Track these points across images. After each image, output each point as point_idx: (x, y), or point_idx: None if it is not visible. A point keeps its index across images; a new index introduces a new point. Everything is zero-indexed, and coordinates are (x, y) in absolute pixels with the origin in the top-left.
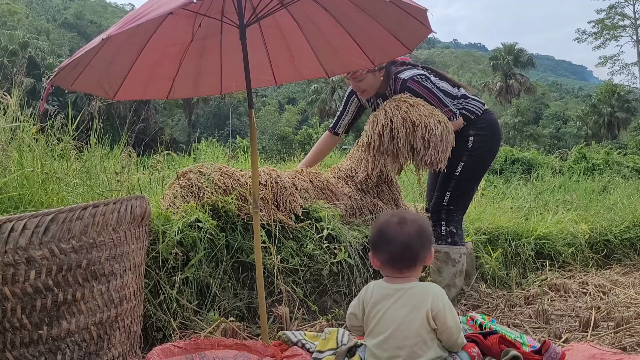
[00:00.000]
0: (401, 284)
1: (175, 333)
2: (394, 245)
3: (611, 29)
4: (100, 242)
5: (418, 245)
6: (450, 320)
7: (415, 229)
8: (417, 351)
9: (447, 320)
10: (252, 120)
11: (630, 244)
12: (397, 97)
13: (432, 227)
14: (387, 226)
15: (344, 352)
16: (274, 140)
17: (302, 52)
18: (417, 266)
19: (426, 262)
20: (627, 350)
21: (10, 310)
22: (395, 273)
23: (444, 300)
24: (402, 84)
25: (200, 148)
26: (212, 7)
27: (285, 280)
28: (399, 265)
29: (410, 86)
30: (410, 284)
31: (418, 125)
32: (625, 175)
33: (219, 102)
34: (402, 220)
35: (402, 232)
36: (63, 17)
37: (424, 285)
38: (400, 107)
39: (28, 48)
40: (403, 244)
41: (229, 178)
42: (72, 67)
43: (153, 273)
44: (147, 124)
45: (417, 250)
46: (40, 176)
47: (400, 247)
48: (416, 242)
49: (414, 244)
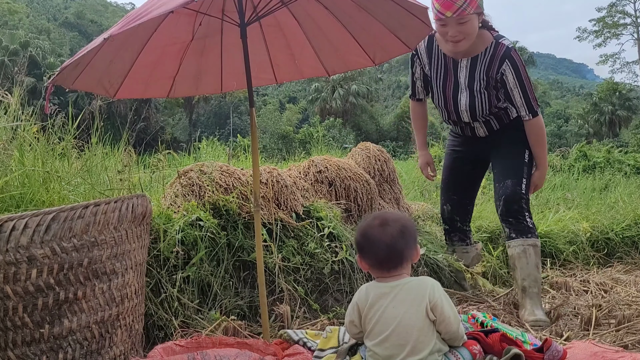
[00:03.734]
0: (396, 281)
1: (177, 332)
2: (379, 248)
3: (612, 27)
4: (101, 241)
5: (402, 245)
6: (448, 310)
7: (397, 230)
8: (418, 346)
9: (445, 310)
10: (253, 119)
11: (632, 242)
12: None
13: (516, 220)
14: (370, 229)
15: (346, 351)
16: (275, 139)
17: (303, 50)
18: (404, 264)
19: (413, 259)
20: (629, 348)
21: (12, 309)
22: (384, 274)
23: (440, 291)
24: (505, 52)
25: (201, 147)
26: (213, 5)
27: (287, 278)
28: (387, 267)
29: (514, 58)
30: (405, 279)
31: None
32: (626, 174)
33: (219, 101)
34: (384, 222)
35: (385, 234)
36: (64, 17)
37: (420, 279)
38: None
39: (29, 47)
40: (387, 245)
41: (230, 177)
42: (73, 67)
43: (154, 272)
44: (148, 123)
45: (402, 250)
46: (42, 175)
47: (384, 249)
48: (400, 242)
49: (398, 244)
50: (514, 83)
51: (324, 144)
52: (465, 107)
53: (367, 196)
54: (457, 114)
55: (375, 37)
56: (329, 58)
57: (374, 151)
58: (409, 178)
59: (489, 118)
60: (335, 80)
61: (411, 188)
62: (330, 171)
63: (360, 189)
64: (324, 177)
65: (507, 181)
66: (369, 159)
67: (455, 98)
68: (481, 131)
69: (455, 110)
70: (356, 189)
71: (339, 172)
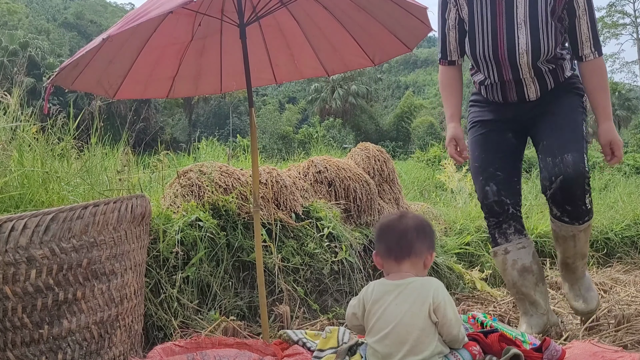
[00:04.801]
0: (402, 280)
1: (176, 332)
2: (391, 234)
3: (611, 27)
4: (100, 241)
5: (415, 237)
6: (451, 313)
7: (414, 223)
8: (419, 345)
9: (448, 313)
10: (252, 119)
11: (631, 242)
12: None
13: (574, 206)
14: (388, 219)
15: (345, 351)
16: (275, 139)
17: (302, 50)
18: (412, 259)
19: (425, 261)
20: (628, 348)
21: (11, 309)
22: (393, 266)
23: (444, 293)
24: None
25: (200, 147)
26: (212, 6)
27: (286, 279)
28: (395, 254)
29: None
30: (411, 279)
31: None
32: (625, 173)
33: (219, 102)
34: (404, 215)
35: (400, 223)
36: (63, 17)
37: (425, 279)
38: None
39: (28, 48)
40: (400, 232)
41: (230, 177)
42: (72, 67)
43: (154, 272)
44: (147, 124)
45: (413, 241)
46: (41, 175)
47: (396, 236)
48: (412, 232)
49: (409, 233)
50: (584, 9)
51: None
52: (526, 47)
53: (367, 196)
54: (511, 61)
55: (374, 37)
56: (329, 58)
57: (373, 151)
58: (409, 178)
59: (547, 70)
60: (334, 81)
61: (411, 188)
62: (329, 171)
63: (359, 189)
64: (323, 178)
65: (566, 156)
66: (369, 159)
67: (510, 39)
68: (532, 90)
69: (510, 57)
70: (356, 189)
71: (338, 172)
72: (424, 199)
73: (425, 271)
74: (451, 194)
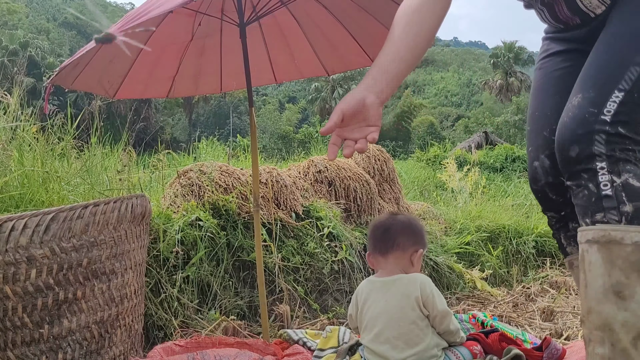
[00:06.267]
0: (388, 277)
1: (177, 332)
2: (378, 230)
3: None
4: (100, 241)
5: (398, 229)
6: (440, 305)
7: (401, 219)
8: (413, 338)
9: (437, 305)
10: (252, 119)
11: None
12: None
13: (575, 180)
14: (377, 219)
15: (345, 351)
16: (275, 139)
17: (302, 50)
18: (396, 252)
19: (412, 257)
20: None
21: (12, 309)
22: (380, 261)
23: (431, 287)
24: None
25: (200, 147)
26: (212, 5)
27: (286, 278)
28: (379, 248)
29: None
30: (397, 275)
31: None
32: None
33: (219, 101)
34: (395, 214)
35: (387, 220)
36: (63, 17)
37: (411, 275)
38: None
39: (28, 47)
40: (385, 226)
41: (230, 177)
42: (72, 66)
43: (154, 272)
44: (147, 123)
45: (396, 234)
46: (41, 175)
47: (381, 229)
48: (396, 227)
49: (393, 227)
50: None
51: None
52: None
53: (367, 196)
54: None
55: (374, 37)
56: (329, 58)
57: (373, 151)
58: (409, 178)
59: None
60: (335, 80)
61: (411, 188)
62: (329, 171)
63: (359, 189)
64: (323, 177)
65: (574, 99)
66: (369, 158)
67: None
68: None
69: None
70: (356, 188)
71: (338, 172)
72: (424, 199)
73: (412, 268)
74: (451, 193)
